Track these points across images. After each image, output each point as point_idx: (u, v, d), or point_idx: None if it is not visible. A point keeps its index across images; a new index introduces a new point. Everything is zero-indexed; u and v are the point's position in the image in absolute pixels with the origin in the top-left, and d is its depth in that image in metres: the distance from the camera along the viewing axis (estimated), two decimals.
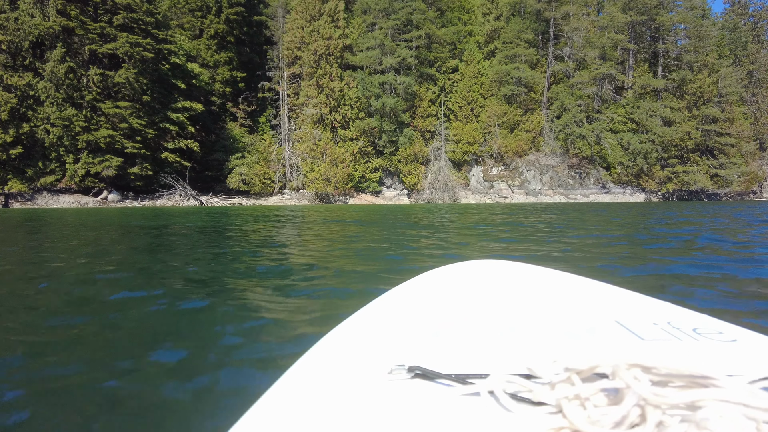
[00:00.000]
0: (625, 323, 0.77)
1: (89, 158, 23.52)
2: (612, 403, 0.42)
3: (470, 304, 0.92)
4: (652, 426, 0.37)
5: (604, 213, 13.28)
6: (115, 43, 23.63)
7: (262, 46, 36.96)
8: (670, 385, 0.43)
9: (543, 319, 0.80)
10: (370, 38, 34.27)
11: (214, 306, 2.28)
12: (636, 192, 35.36)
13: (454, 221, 9.46)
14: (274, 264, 3.77)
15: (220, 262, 3.84)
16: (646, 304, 0.90)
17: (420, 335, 0.72)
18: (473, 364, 0.59)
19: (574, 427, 0.40)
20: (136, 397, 1.26)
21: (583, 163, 35.29)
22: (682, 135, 34.03)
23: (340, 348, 0.68)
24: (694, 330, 0.73)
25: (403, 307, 0.90)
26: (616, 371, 0.43)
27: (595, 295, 1.00)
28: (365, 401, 0.50)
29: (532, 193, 34.02)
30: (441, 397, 0.50)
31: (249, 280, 3.01)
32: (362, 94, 32.87)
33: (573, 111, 34.40)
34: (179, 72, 28.10)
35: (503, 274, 1.19)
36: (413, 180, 33.60)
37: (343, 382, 0.55)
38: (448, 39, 36.11)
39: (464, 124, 34.87)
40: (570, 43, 35.71)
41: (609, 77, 35.29)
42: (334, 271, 3.36)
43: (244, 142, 32.67)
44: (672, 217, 11.02)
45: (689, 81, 35.01)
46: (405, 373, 0.55)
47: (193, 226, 8.41)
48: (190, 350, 1.63)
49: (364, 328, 0.76)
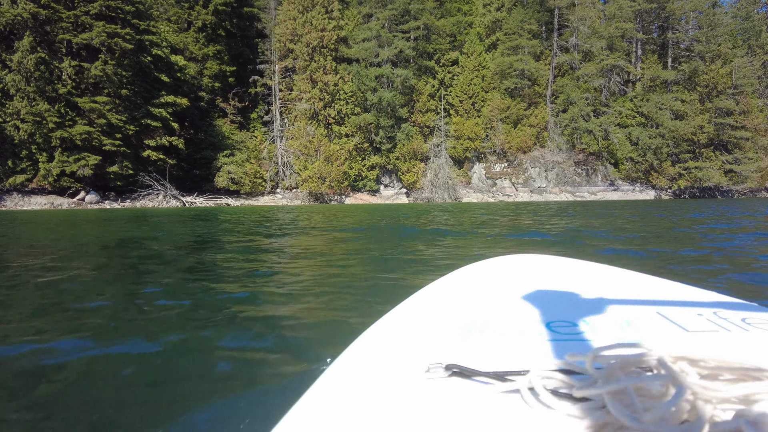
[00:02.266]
0: (668, 315, 0.74)
1: (64, 156, 21.91)
2: (659, 398, 0.40)
3: (506, 299, 0.89)
4: (705, 422, 0.35)
5: (622, 211, 11.65)
6: (91, 33, 22.00)
7: (253, 39, 35.31)
8: (720, 379, 0.41)
9: (581, 313, 0.77)
10: (366, 29, 32.64)
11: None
12: (645, 189, 33.72)
13: (469, 226, 7.83)
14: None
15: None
16: (690, 295, 0.88)
17: (456, 333, 0.70)
18: (511, 361, 0.58)
19: (619, 422, 0.38)
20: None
21: (590, 159, 33.66)
22: (695, 129, 32.37)
23: (377, 347, 0.67)
24: (744, 320, 0.70)
25: (437, 305, 0.88)
26: (661, 364, 0.42)
27: (635, 286, 0.98)
28: (404, 400, 0.49)
29: (537, 191, 32.37)
30: (480, 395, 0.50)
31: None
32: (358, 88, 31.22)
33: (579, 104, 32.75)
34: (163, 65, 26.46)
35: (539, 268, 1.18)
36: (412, 178, 31.94)
37: (381, 381, 0.55)
38: (448, 30, 34.44)
39: (465, 119, 33.22)
40: (575, 34, 34.06)
41: (617, 68, 33.64)
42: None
43: (233, 140, 31.04)
44: (723, 215, 9.41)
45: (701, 72, 33.32)
46: (442, 372, 0.55)
47: (129, 238, 6.77)
48: None
49: (400, 327, 0.75)
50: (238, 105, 33.51)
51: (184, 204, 24.60)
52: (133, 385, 1.28)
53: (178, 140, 25.91)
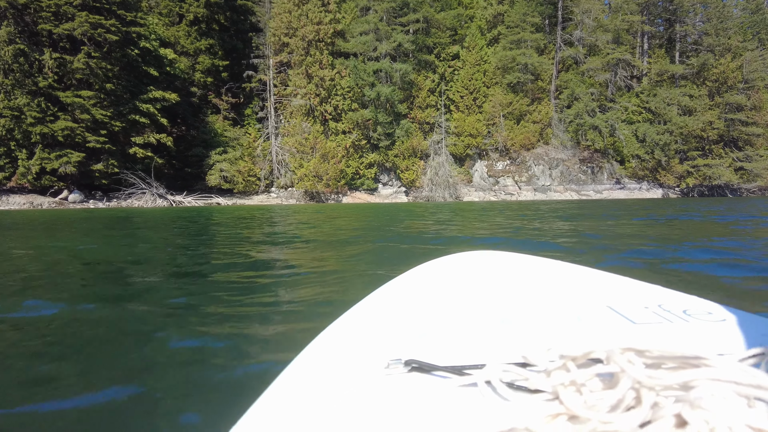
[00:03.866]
0: (617, 308, 0.78)
1: (45, 153, 20.81)
2: (607, 387, 0.42)
3: (464, 295, 0.91)
4: (647, 408, 0.38)
5: (638, 210, 10.57)
6: (73, 23, 20.88)
7: (247, 33, 34.19)
8: (663, 367, 0.44)
9: (536, 308, 0.80)
10: (363, 22, 31.49)
11: None
12: (653, 188, 32.63)
13: (490, 231, 6.76)
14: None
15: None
16: (637, 289, 0.92)
17: (415, 329, 0.72)
18: (469, 356, 0.60)
19: (571, 412, 0.40)
20: None
21: (596, 157, 32.55)
22: (704, 125, 31.24)
23: (336, 345, 0.67)
24: (684, 312, 0.75)
25: (397, 302, 0.88)
26: (610, 356, 0.44)
27: (586, 281, 1.01)
28: (363, 397, 0.50)
29: (541, 189, 31.26)
30: (438, 389, 0.51)
31: None
32: (355, 83, 30.10)
33: (584, 100, 31.63)
34: (151, 58, 25.36)
35: (495, 264, 1.20)
36: (411, 176, 30.81)
37: (341, 378, 0.55)
38: (448, 23, 33.29)
39: (466, 115, 32.09)
40: (580, 27, 32.92)
41: (623, 63, 32.51)
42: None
43: (227, 137, 29.92)
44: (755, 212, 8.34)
45: (711, 66, 32.15)
46: (402, 367, 0.55)
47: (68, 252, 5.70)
48: None
49: (360, 324, 0.75)
50: (231, 101, 32.39)
51: (172, 203, 23.49)
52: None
53: (167, 137, 24.79)
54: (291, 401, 0.50)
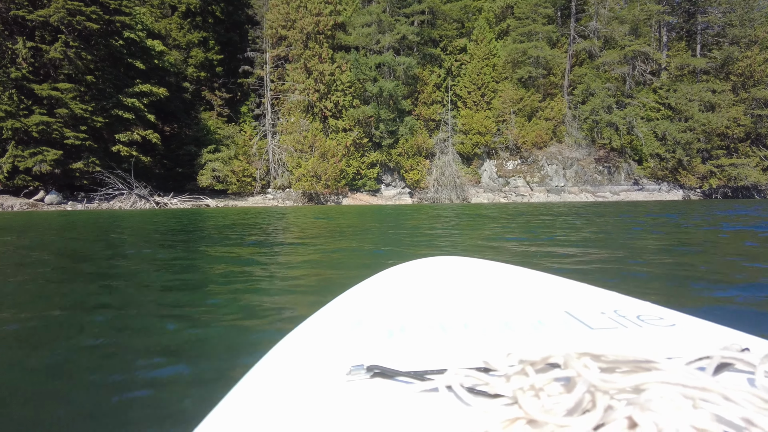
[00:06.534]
0: (575, 314, 0.80)
1: (18, 151, 19.14)
2: (565, 391, 0.44)
3: (426, 301, 0.92)
4: (601, 410, 0.39)
5: (672, 213, 8.70)
6: (48, 9, 19.20)
7: (243, 26, 32.52)
8: (617, 371, 0.45)
9: (497, 313, 0.81)
10: (366, 14, 29.69)
11: None
12: (673, 189, 30.62)
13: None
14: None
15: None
16: (594, 295, 0.93)
17: (378, 334, 0.72)
18: (431, 361, 0.60)
19: (529, 416, 0.41)
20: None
21: (612, 156, 30.59)
22: (729, 122, 29.21)
23: (298, 351, 0.67)
24: (638, 317, 0.77)
25: (359, 307, 0.88)
26: (567, 361, 0.45)
27: (546, 287, 1.02)
28: (325, 403, 0.50)
29: (554, 190, 29.33)
30: (400, 394, 0.51)
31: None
32: (356, 78, 28.31)
33: (600, 95, 29.68)
34: (138, 50, 23.66)
35: (457, 270, 1.20)
36: (416, 177, 28.96)
37: (302, 385, 0.55)
38: (455, 15, 31.43)
39: (474, 111, 30.21)
40: (596, 18, 30.99)
41: (642, 56, 30.53)
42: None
43: (220, 134, 28.20)
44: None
45: (736, 59, 30.12)
46: (364, 373, 0.56)
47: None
48: None
49: (321, 330, 0.75)
50: (225, 97, 30.68)
51: (156, 205, 21.74)
52: None
53: (153, 134, 23.07)
54: (251, 407, 0.50)
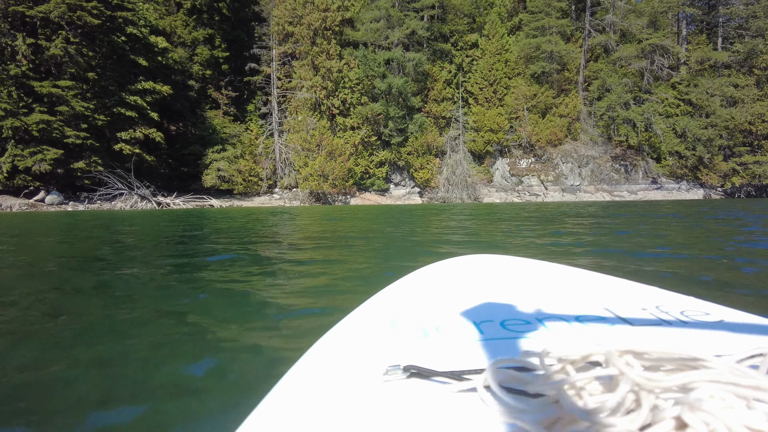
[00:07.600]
0: (614, 310, 0.78)
1: (17, 150, 18.63)
2: (607, 390, 0.42)
3: (462, 299, 0.90)
4: (647, 410, 0.38)
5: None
6: (48, 5, 18.66)
7: (249, 22, 31.86)
8: (662, 369, 0.44)
9: (535, 311, 0.80)
10: (374, 9, 28.95)
11: None
12: (693, 188, 29.48)
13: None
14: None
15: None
16: (634, 290, 0.91)
17: (413, 335, 0.71)
18: (467, 360, 0.60)
19: (571, 416, 0.40)
20: None
21: (629, 154, 29.56)
22: (752, 118, 28.04)
23: (335, 352, 0.67)
24: (682, 313, 0.75)
25: (393, 308, 0.88)
26: (609, 359, 0.44)
27: (584, 283, 1.01)
28: (362, 404, 0.50)
29: (570, 189, 28.34)
30: (437, 394, 0.51)
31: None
32: (365, 75, 27.58)
33: (617, 91, 28.65)
34: (141, 47, 23.10)
35: (492, 268, 1.19)
36: (426, 176, 28.15)
37: (340, 386, 0.55)
38: (466, 10, 30.59)
39: (486, 108, 29.34)
40: (612, 10, 29.94)
41: (660, 50, 29.43)
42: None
43: (226, 133, 27.57)
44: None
45: (759, 52, 28.93)
46: (401, 373, 0.55)
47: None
48: None
49: (357, 331, 0.75)
50: (231, 95, 30.04)
51: (158, 205, 21.12)
52: None
53: (157, 132, 22.48)
54: (290, 408, 0.50)
